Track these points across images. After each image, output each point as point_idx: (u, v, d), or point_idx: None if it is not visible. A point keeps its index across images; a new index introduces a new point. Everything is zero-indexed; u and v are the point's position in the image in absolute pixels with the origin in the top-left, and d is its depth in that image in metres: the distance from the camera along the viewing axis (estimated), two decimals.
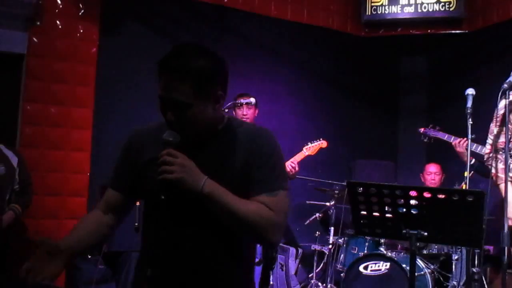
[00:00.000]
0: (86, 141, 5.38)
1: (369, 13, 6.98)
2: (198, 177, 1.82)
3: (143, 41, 5.76)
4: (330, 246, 5.62)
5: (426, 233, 2.41)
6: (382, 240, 5.35)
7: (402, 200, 2.38)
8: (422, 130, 5.43)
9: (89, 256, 4.92)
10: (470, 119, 3.91)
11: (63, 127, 5.30)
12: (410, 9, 6.83)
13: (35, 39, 5.25)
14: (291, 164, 5.26)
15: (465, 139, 4.79)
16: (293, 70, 6.70)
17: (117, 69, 5.59)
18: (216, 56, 1.91)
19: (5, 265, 4.39)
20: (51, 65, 5.28)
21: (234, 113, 5.43)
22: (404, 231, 2.42)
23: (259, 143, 1.94)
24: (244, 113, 5.30)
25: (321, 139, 5.48)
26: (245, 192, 1.89)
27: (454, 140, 5.07)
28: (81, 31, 5.43)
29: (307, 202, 6.12)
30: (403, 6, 6.84)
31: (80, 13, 5.43)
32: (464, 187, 4.12)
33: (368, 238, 5.42)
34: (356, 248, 5.50)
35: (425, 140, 5.39)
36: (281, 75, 6.58)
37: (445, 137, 5.20)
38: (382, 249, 5.29)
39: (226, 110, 5.09)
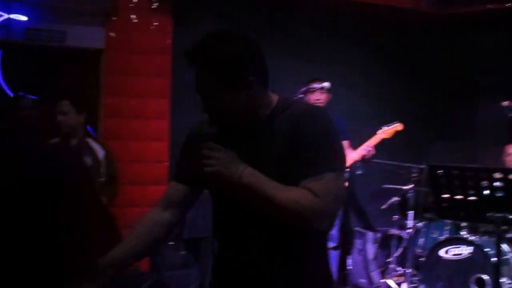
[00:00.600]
0: (164, 130, 5.54)
1: None
2: (235, 168, 1.79)
3: (214, 30, 5.83)
4: (409, 230, 5.54)
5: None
6: (463, 224, 5.23)
7: (486, 183, 2.34)
8: (505, 103, 5.16)
9: (171, 243, 5.07)
10: None
11: (142, 118, 5.48)
12: None
13: (112, 34, 5.43)
14: (367, 147, 5.23)
15: None
16: (366, 52, 6.61)
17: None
18: (242, 40, 1.86)
19: None
20: (128, 58, 5.45)
21: (307, 98, 5.43)
22: (488, 214, 2.37)
23: (304, 123, 1.82)
24: (317, 98, 5.29)
25: (396, 122, 5.41)
26: (294, 179, 1.78)
27: None
28: (155, 23, 5.57)
29: (384, 186, 6.05)
30: None
31: (153, 6, 5.57)
32: None
33: (449, 221, 5.30)
34: (436, 232, 5.39)
35: (510, 115, 5.11)
36: (353, 58, 6.50)
37: None
38: (463, 233, 5.17)
39: (301, 96, 5.10)
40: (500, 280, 4.67)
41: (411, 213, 5.55)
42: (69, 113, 4.17)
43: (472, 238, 4.96)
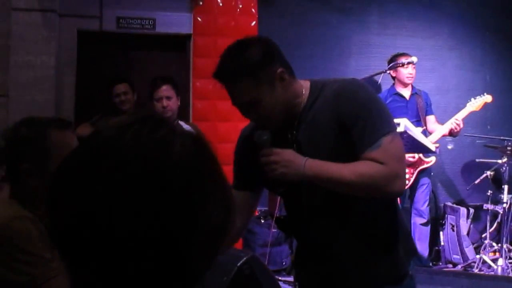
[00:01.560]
0: None
1: None
2: (297, 165, 1.83)
3: (300, 8, 5.88)
4: (505, 205, 5.38)
5: None
6: None
7: None
8: None
9: (263, 221, 5.21)
10: None
11: (229, 100, 5.59)
12: None
13: (199, 19, 5.57)
14: (455, 121, 5.12)
15: None
16: (455, 23, 6.40)
17: (277, 39, 5.69)
18: (257, 42, 1.98)
19: None
20: (215, 42, 5.57)
21: (395, 75, 5.37)
22: None
23: (344, 100, 1.87)
24: (410, 73, 5.25)
25: (485, 93, 5.25)
26: (352, 155, 1.84)
27: None
28: (240, 6, 5.65)
29: (477, 160, 5.89)
30: None
31: None
32: None
33: None
34: None
35: None
36: (442, 30, 6.33)
37: None
38: None
39: (388, 73, 5.05)
40: None
41: (505, 187, 5.39)
42: (173, 97, 4.27)
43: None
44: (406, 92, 5.37)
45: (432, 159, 5.25)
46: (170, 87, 4.24)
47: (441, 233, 5.74)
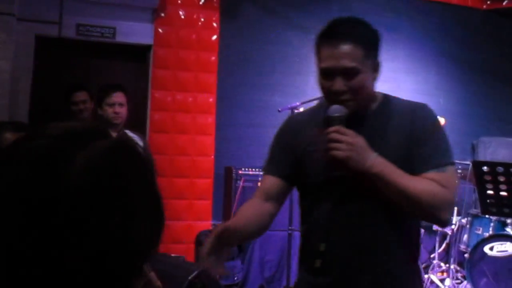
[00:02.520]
0: (210, 125, 5.65)
1: None
2: (366, 155, 1.77)
3: (262, 25, 5.94)
4: (453, 227, 5.51)
5: None
6: (509, 221, 5.17)
7: None
8: None
9: None
10: None
11: (188, 112, 5.60)
12: None
13: (160, 30, 5.56)
14: None
15: None
16: (412, 47, 6.58)
17: (238, 55, 5.82)
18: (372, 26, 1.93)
19: None
20: (176, 54, 5.58)
21: None
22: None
23: (421, 117, 1.89)
24: None
25: (438, 116, 5.38)
26: (407, 170, 1.81)
27: None
28: (202, 19, 5.68)
29: None
30: None
31: (200, 2, 5.68)
32: None
33: (494, 218, 5.25)
34: (481, 229, 5.35)
35: None
36: (399, 53, 6.48)
37: None
38: (509, 229, 5.12)
39: None
40: None
41: (455, 209, 5.52)
42: (124, 105, 4.19)
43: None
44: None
45: None
46: (123, 95, 4.17)
47: None
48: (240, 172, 5.15)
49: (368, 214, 1.86)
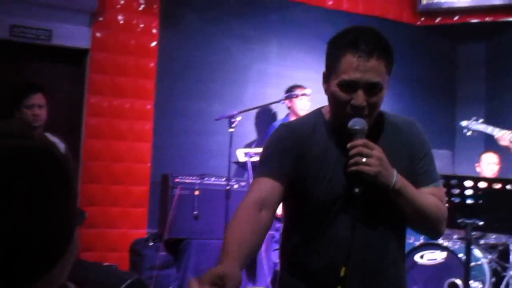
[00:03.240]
0: (148, 132, 5.58)
1: (425, 2, 6.92)
2: (391, 171, 1.74)
3: (202, 33, 5.93)
4: None
5: (481, 222, 2.44)
6: None
7: (457, 190, 2.43)
8: (464, 123, 5.12)
9: (151, 243, 5.13)
10: None
11: (125, 118, 5.51)
12: None
13: (98, 34, 5.47)
14: None
15: (510, 132, 4.61)
16: None
17: (177, 62, 5.78)
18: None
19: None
20: (114, 59, 5.49)
21: (290, 105, 5.54)
22: (459, 220, 2.46)
23: (416, 133, 1.92)
24: (305, 105, 5.42)
25: None
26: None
27: (497, 134, 4.74)
28: (142, 25, 5.62)
29: None
30: None
31: (140, 8, 5.62)
32: None
33: None
34: (412, 238, 5.50)
35: (468, 134, 5.14)
36: None
37: (488, 130, 4.90)
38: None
39: (283, 103, 5.19)
40: (472, 285, 4.81)
41: None
42: (44, 107, 4.00)
43: (446, 243, 5.08)
44: None
45: None
46: (43, 96, 3.97)
47: None
48: (176, 180, 5.10)
49: (384, 233, 1.84)
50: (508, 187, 2.38)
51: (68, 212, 0.79)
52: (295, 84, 5.53)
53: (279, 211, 1.96)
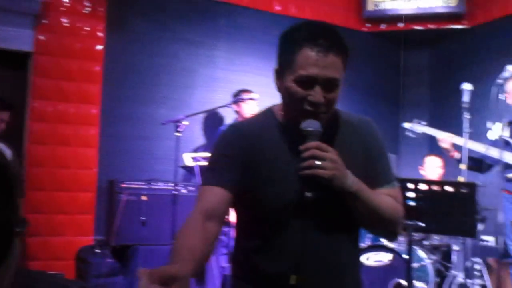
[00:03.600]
0: (94, 137, 5.49)
1: (371, 8, 7.07)
2: (346, 173, 1.66)
3: (150, 37, 5.88)
4: None
5: (422, 224, 2.50)
6: None
7: None
8: (407, 125, 5.21)
9: (98, 250, 5.04)
10: (467, 114, 4.00)
11: (70, 123, 5.41)
12: (412, 5, 6.92)
13: (41, 37, 5.35)
14: None
15: (451, 135, 4.75)
16: None
17: (124, 66, 5.71)
18: None
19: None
20: (58, 62, 5.38)
21: (238, 109, 5.55)
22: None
23: (372, 132, 1.86)
24: (253, 110, 5.45)
25: None
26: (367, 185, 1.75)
27: (440, 136, 4.87)
28: (87, 28, 5.53)
29: None
30: (404, 2, 6.93)
31: (85, 11, 5.53)
32: (461, 179, 4.21)
33: None
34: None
35: (411, 135, 5.24)
36: None
37: (430, 132, 5.03)
38: (383, 240, 5.37)
39: (230, 107, 5.20)
40: (416, 285, 4.92)
41: None
42: (5, 120, 3.97)
43: (391, 245, 5.18)
44: None
45: None
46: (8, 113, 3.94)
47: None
48: (123, 185, 5.04)
49: (338, 238, 1.77)
50: (446, 189, 2.44)
51: (8, 220, 0.77)
52: (243, 89, 5.55)
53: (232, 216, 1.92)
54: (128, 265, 5.00)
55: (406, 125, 5.17)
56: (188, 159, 4.32)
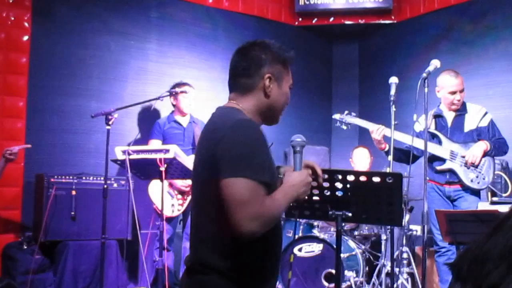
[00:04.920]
0: (20, 130, 5.31)
1: (302, 3, 7.15)
2: None
3: (79, 29, 5.72)
4: None
5: (350, 214, 2.55)
6: (316, 223, 5.53)
7: (327, 183, 2.52)
8: (337, 116, 5.25)
9: (25, 247, 4.90)
10: (393, 106, 4.12)
11: None
12: (342, 0, 7.04)
13: None
14: None
15: (382, 127, 4.85)
16: (229, 57, 6.76)
17: (52, 57, 5.54)
18: None
19: None
20: None
21: (175, 103, 5.49)
22: (330, 212, 2.55)
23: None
24: (190, 103, 5.42)
25: None
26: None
27: (371, 128, 4.90)
28: (13, 18, 5.34)
29: None
30: None
31: (10, 0, 5.34)
32: (388, 170, 4.34)
33: (303, 221, 5.58)
34: (291, 231, 5.66)
35: (342, 126, 5.28)
36: (217, 63, 6.65)
37: (362, 123, 5.07)
38: (315, 231, 5.48)
39: (162, 100, 5.14)
40: (347, 274, 5.04)
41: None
42: None
43: (323, 236, 5.29)
44: (184, 120, 5.52)
45: None
46: None
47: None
48: (52, 180, 4.90)
49: None
50: (373, 179, 2.51)
51: None
52: (180, 82, 5.51)
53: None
54: (58, 261, 4.89)
55: (336, 116, 5.23)
56: (119, 152, 4.25)
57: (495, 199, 4.99)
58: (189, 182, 5.13)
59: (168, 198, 5.12)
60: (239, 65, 2.18)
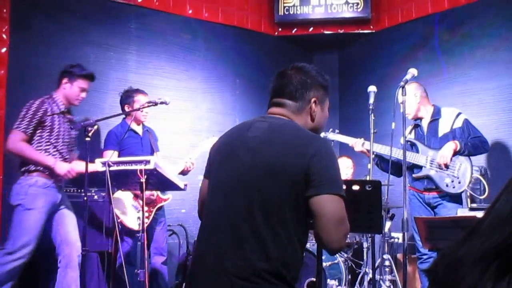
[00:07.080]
0: None
1: (282, 13, 7.20)
2: None
3: (58, 40, 5.68)
4: None
5: None
6: None
7: None
8: (321, 135, 5.44)
9: None
10: (372, 115, 4.16)
11: None
12: (321, 10, 7.11)
13: None
14: (189, 159, 5.30)
15: (361, 140, 5.02)
16: (209, 68, 6.81)
17: (30, 70, 5.49)
18: None
19: None
20: None
21: (130, 108, 5.34)
22: (311, 221, 2.56)
23: None
24: (147, 111, 5.29)
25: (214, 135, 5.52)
26: None
27: (351, 142, 5.15)
28: None
29: None
30: (314, 7, 7.11)
31: None
32: (368, 178, 4.37)
33: None
34: None
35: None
36: (197, 74, 6.67)
37: (344, 139, 5.29)
38: None
39: (141, 111, 5.10)
40: (329, 283, 5.05)
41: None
42: None
43: (306, 245, 5.28)
44: (139, 129, 5.41)
45: (169, 197, 5.36)
46: None
47: None
48: None
49: None
50: (354, 188, 2.53)
51: None
52: (132, 88, 5.43)
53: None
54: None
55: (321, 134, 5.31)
56: (99, 164, 4.22)
57: (473, 205, 5.05)
58: (155, 192, 5.10)
59: (133, 211, 5.05)
60: (286, 88, 2.37)
